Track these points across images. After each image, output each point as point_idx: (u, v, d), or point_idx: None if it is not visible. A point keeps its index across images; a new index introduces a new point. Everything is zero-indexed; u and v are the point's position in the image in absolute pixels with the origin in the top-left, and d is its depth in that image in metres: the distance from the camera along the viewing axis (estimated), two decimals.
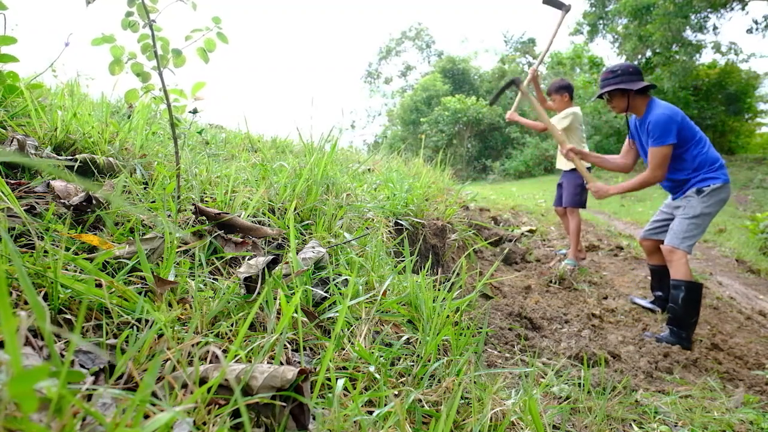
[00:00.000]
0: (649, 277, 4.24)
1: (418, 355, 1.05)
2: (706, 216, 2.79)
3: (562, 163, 4.43)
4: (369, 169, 3.10)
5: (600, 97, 3.06)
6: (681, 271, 2.78)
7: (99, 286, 0.77)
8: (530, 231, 5.34)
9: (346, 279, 1.21)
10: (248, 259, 1.08)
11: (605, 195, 3.13)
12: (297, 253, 1.19)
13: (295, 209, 1.50)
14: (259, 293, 0.95)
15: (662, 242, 3.03)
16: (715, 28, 17.17)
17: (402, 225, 2.22)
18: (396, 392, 0.89)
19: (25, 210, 0.94)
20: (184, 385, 0.65)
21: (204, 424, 0.62)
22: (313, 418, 0.71)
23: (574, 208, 4.30)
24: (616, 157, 3.32)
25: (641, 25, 17.23)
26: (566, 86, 4.27)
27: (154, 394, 0.62)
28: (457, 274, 1.37)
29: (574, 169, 4.28)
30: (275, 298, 0.94)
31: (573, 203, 4.30)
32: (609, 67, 3.02)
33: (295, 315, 0.90)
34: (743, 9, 16.49)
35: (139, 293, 0.85)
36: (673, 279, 2.82)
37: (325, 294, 1.11)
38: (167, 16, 1.23)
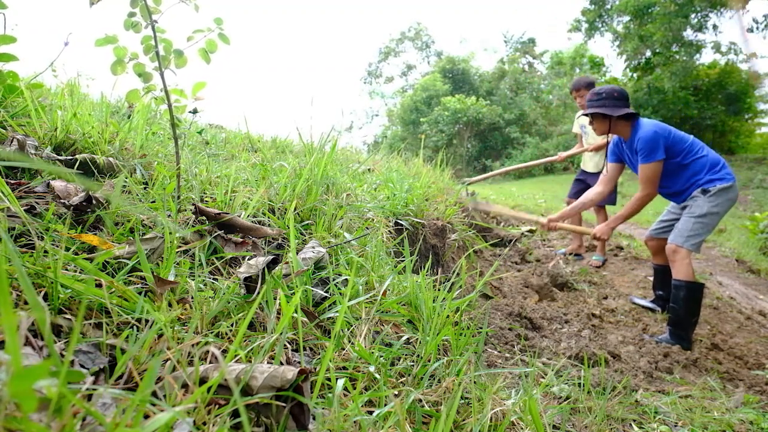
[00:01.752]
0: (650, 277, 4.24)
1: (418, 355, 1.05)
2: (714, 216, 2.75)
3: (589, 166, 4.50)
4: (369, 169, 3.10)
5: (586, 115, 3.09)
6: (683, 271, 2.75)
7: (99, 286, 0.77)
8: (530, 231, 5.34)
9: (346, 279, 1.21)
10: (248, 259, 1.08)
11: (609, 234, 3.09)
12: (297, 253, 1.19)
13: (295, 209, 1.50)
14: (258, 293, 0.95)
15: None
16: (715, 27, 17.15)
17: (402, 225, 2.22)
18: (396, 392, 0.89)
19: (25, 210, 0.94)
20: (184, 385, 0.65)
21: (204, 424, 0.62)
22: (313, 418, 0.71)
23: (608, 205, 4.42)
24: (593, 190, 3.29)
25: (642, 25, 17.23)
26: (594, 83, 4.33)
27: (154, 394, 0.62)
28: (457, 274, 1.37)
29: (599, 173, 4.37)
30: (275, 298, 0.94)
31: (608, 201, 4.33)
32: (596, 89, 3.03)
33: (295, 315, 0.90)
34: (744, 8, 16.47)
35: (139, 293, 0.85)
36: (674, 279, 2.79)
37: (325, 294, 1.11)
38: (169, 16, 1.23)
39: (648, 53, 18.12)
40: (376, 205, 2.07)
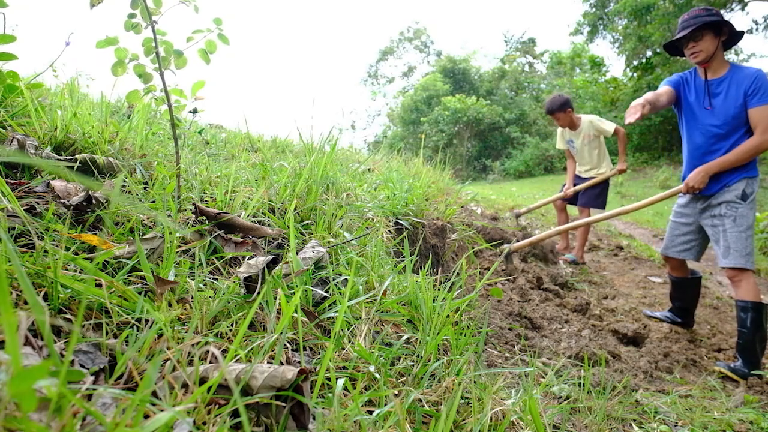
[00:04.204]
0: (650, 277, 4.25)
1: (418, 355, 1.05)
2: (753, 220, 2.56)
3: (583, 171, 4.50)
4: (369, 169, 3.09)
5: (681, 40, 2.53)
6: (752, 292, 2.48)
7: (99, 285, 0.77)
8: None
9: (346, 279, 1.21)
10: (248, 259, 1.08)
11: (705, 178, 2.56)
12: (297, 253, 1.19)
13: (295, 209, 1.50)
14: (259, 293, 0.95)
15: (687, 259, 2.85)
16: None
17: (402, 225, 2.22)
18: (396, 392, 0.89)
19: (25, 210, 0.94)
20: (184, 385, 0.65)
21: (204, 423, 0.62)
22: (313, 418, 0.71)
23: (594, 208, 4.41)
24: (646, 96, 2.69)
25: (641, 26, 17.24)
26: (568, 101, 4.32)
27: (154, 394, 0.62)
28: (457, 274, 1.37)
29: (590, 178, 4.38)
30: (275, 298, 0.94)
31: (595, 204, 4.37)
32: (698, 6, 2.56)
33: (295, 315, 0.90)
34: (743, 9, 16.49)
35: (139, 293, 0.85)
36: (740, 300, 2.49)
37: (325, 294, 1.11)
38: (169, 17, 1.23)
39: (648, 53, 18.12)
40: (376, 204, 2.07)
